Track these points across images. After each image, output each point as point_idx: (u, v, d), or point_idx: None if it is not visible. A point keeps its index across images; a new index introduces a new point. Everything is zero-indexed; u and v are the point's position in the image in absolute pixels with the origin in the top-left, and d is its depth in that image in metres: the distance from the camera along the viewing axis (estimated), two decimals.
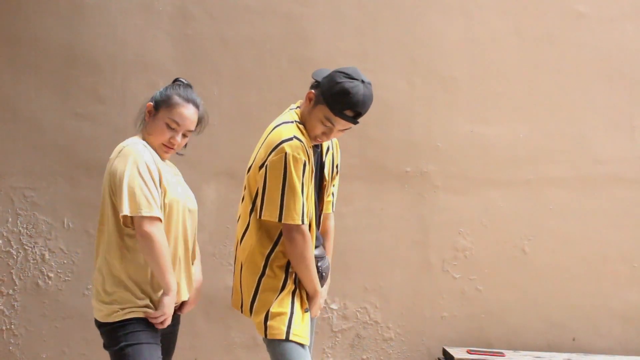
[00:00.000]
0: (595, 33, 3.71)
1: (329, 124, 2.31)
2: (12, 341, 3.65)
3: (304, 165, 2.27)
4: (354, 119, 2.30)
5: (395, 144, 3.69)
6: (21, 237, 3.65)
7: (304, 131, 2.35)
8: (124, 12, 3.66)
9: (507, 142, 3.70)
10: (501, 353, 3.53)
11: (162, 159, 2.34)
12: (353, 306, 3.69)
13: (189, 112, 2.32)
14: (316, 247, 2.46)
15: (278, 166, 2.25)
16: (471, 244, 3.70)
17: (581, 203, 3.70)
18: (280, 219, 2.27)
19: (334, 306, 3.68)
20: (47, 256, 3.64)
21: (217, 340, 3.67)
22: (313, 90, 2.37)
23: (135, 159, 2.19)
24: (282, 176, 2.26)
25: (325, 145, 2.53)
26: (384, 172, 3.68)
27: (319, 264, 2.44)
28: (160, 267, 2.17)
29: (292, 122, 2.36)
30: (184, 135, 2.34)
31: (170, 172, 2.38)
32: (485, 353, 3.51)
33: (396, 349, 3.71)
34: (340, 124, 2.30)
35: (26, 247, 3.64)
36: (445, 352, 3.58)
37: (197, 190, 3.55)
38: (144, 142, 2.30)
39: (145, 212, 2.13)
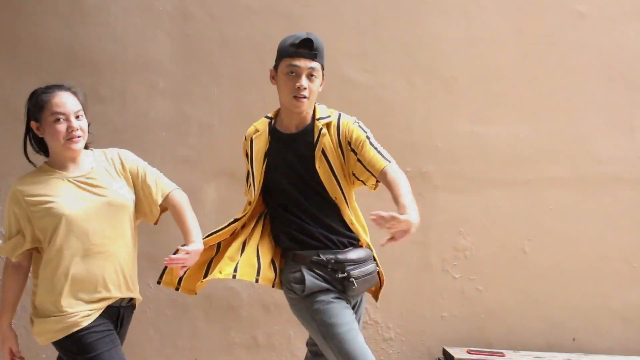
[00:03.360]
0: (596, 33, 3.71)
1: (292, 70, 2.37)
2: None
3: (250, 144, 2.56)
4: (309, 50, 2.36)
5: (395, 144, 3.68)
6: None
7: (276, 118, 2.51)
8: (124, 12, 3.66)
9: (507, 142, 3.70)
10: (501, 353, 3.53)
11: (74, 155, 2.32)
12: None
13: (61, 98, 2.28)
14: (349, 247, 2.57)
15: None
16: (471, 244, 3.70)
17: (581, 203, 3.69)
18: None
19: None
20: None
21: (217, 340, 3.67)
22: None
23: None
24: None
25: (315, 133, 2.45)
26: None
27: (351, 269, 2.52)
28: None
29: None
30: (77, 118, 2.28)
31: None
32: (485, 353, 3.51)
33: (396, 349, 3.71)
34: (301, 62, 2.37)
35: None
36: (445, 352, 3.58)
37: (197, 190, 3.56)
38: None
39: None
